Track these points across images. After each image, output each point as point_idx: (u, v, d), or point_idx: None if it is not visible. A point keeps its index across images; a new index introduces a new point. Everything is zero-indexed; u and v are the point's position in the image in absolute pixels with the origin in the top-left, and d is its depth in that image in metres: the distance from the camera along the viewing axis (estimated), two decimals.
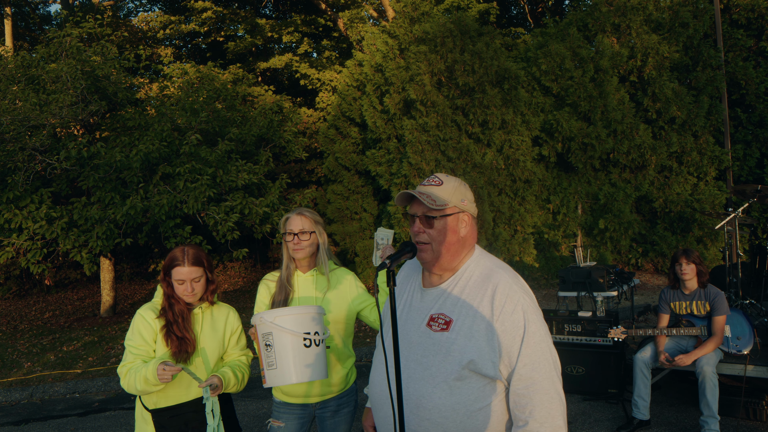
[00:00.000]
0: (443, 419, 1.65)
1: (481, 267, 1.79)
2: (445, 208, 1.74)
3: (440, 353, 1.69)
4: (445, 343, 1.69)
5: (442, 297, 1.77)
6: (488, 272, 1.76)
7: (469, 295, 1.73)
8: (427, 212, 1.75)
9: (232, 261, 14.49)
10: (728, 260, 6.10)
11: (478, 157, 9.02)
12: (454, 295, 1.75)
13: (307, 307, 2.29)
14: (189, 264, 2.40)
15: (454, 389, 1.65)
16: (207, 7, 15.00)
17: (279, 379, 2.20)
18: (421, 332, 1.75)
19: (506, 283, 1.70)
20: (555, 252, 9.78)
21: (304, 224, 2.53)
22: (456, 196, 1.77)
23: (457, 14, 9.74)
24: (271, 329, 2.20)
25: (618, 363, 4.85)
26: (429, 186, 1.78)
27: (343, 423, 2.60)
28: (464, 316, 1.70)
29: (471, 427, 1.65)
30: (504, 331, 1.64)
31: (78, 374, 6.82)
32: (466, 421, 1.65)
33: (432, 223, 1.75)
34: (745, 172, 10.54)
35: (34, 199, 7.60)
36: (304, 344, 2.19)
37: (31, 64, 8.71)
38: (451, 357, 1.67)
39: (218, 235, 7.92)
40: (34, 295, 13.55)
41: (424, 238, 1.76)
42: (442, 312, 1.74)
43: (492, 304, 1.67)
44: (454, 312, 1.72)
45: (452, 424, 1.65)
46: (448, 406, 1.65)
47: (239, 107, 10.73)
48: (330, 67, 15.38)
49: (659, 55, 9.63)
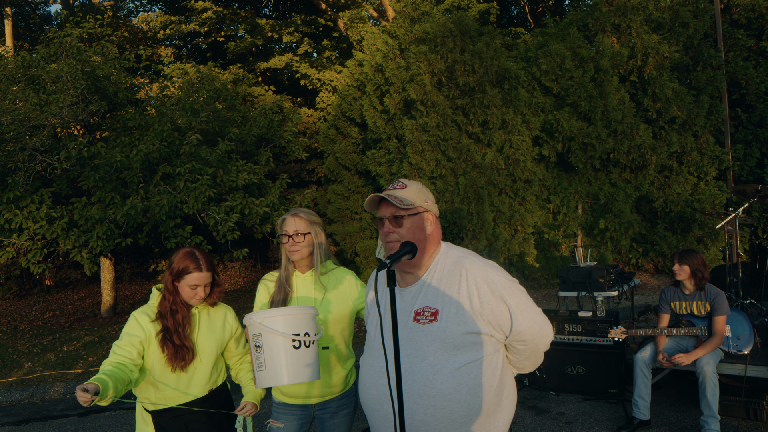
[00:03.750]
0: (449, 402, 1.76)
1: (450, 257, 1.93)
2: (411, 208, 1.89)
3: (435, 342, 1.80)
4: (438, 332, 1.81)
5: (421, 292, 1.89)
6: (456, 260, 1.91)
7: (447, 284, 1.87)
8: (395, 213, 1.89)
9: (232, 261, 14.49)
10: (728, 260, 6.11)
11: (479, 157, 9.03)
12: (432, 287, 1.88)
13: (297, 308, 2.26)
14: (206, 270, 2.39)
15: (453, 372, 1.77)
16: (207, 7, 15.01)
17: (268, 381, 2.19)
18: (410, 328, 1.86)
19: (475, 265, 1.87)
20: (555, 252, 9.78)
21: (298, 225, 2.51)
22: (420, 197, 1.92)
23: (457, 14, 9.74)
24: (260, 330, 2.18)
25: (618, 363, 4.84)
26: (394, 190, 1.92)
27: (342, 424, 2.58)
28: (448, 303, 1.83)
29: (474, 404, 1.79)
30: (491, 311, 1.82)
31: (78, 374, 6.82)
32: (470, 400, 1.78)
33: (401, 222, 1.88)
34: (745, 172, 10.54)
35: (35, 199, 7.61)
36: (293, 345, 2.17)
37: (32, 64, 8.71)
38: (447, 343, 1.79)
39: (218, 235, 7.92)
40: (34, 295, 13.55)
41: (394, 238, 1.88)
42: (426, 305, 1.86)
43: (468, 287, 1.83)
44: (437, 303, 1.85)
45: (458, 405, 1.76)
46: (451, 389, 1.76)
47: (239, 107, 10.72)
48: (330, 67, 15.38)
49: (659, 55, 9.63)
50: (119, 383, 2.15)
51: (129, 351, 2.29)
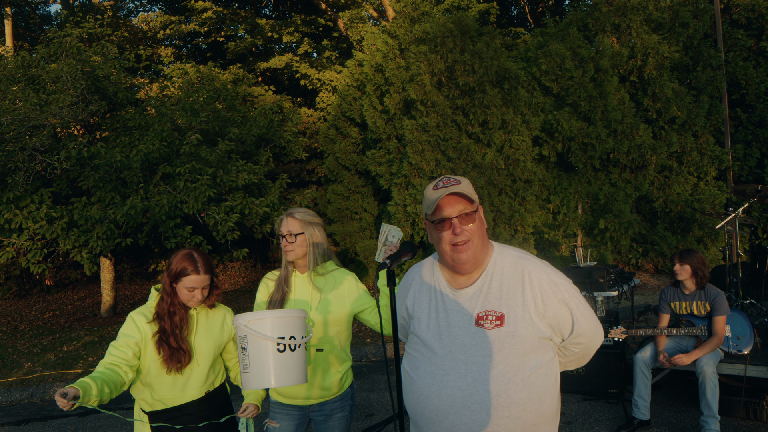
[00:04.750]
0: (522, 412, 1.70)
1: (508, 257, 1.84)
2: (476, 203, 1.80)
3: (504, 348, 1.72)
4: (506, 337, 1.72)
5: (482, 294, 1.79)
6: (516, 260, 1.83)
7: (509, 286, 1.78)
8: (464, 210, 1.77)
9: (232, 261, 14.49)
10: (728, 260, 6.11)
11: (478, 157, 9.02)
12: (494, 289, 1.78)
13: (285, 311, 2.23)
14: (204, 272, 2.37)
15: (525, 380, 1.71)
16: (207, 7, 15.00)
17: (253, 383, 2.17)
18: (473, 333, 1.75)
19: (538, 267, 1.81)
20: (555, 252, 9.78)
21: (292, 226, 2.49)
22: (474, 192, 1.82)
23: (457, 14, 9.74)
24: (246, 333, 2.16)
25: (618, 363, 4.85)
26: (454, 185, 1.78)
27: (337, 427, 2.55)
28: (513, 307, 1.75)
29: (542, 411, 1.74)
30: (554, 314, 1.76)
31: (78, 374, 6.82)
32: (539, 407, 1.73)
33: (473, 217, 1.78)
34: (745, 172, 10.54)
35: (35, 199, 7.60)
36: (277, 349, 2.14)
37: (32, 64, 8.70)
38: (516, 349, 1.71)
39: (218, 235, 7.92)
40: (34, 295, 13.54)
41: (466, 236, 1.76)
42: (489, 309, 1.76)
43: (533, 289, 1.76)
44: (501, 306, 1.76)
45: (530, 415, 1.71)
46: (524, 398, 1.70)
47: (239, 107, 10.73)
48: (330, 67, 15.38)
49: (659, 55, 9.63)
50: (107, 385, 2.13)
51: (124, 352, 2.29)
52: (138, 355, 2.33)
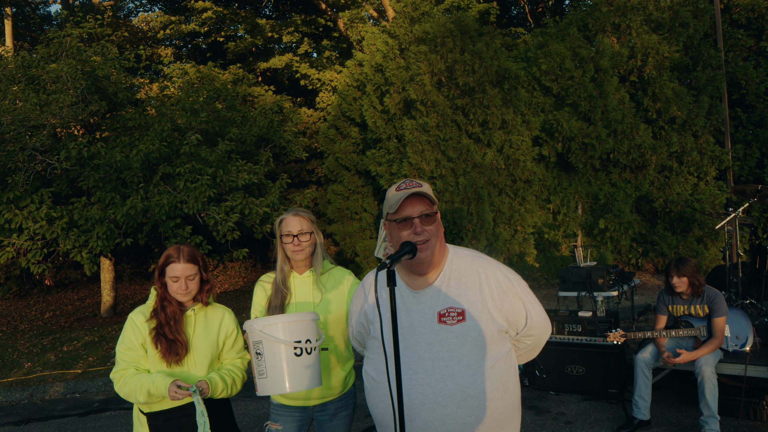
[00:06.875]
0: (490, 401, 1.77)
1: (462, 257, 1.93)
2: (436, 205, 1.88)
3: (468, 342, 1.78)
4: (469, 331, 1.79)
5: (441, 293, 1.85)
6: (470, 259, 1.92)
7: (466, 283, 1.86)
8: (425, 211, 1.83)
9: (232, 261, 14.48)
10: (728, 260, 6.11)
11: (478, 157, 9.02)
12: (452, 287, 1.86)
13: (299, 315, 2.23)
14: (184, 261, 2.39)
15: (489, 371, 1.78)
16: (207, 7, 15.00)
17: (270, 389, 2.17)
18: (437, 330, 1.81)
19: (491, 264, 1.92)
20: (555, 252, 9.78)
21: (303, 225, 2.51)
22: (434, 196, 1.90)
23: (457, 14, 9.74)
24: (261, 338, 2.15)
25: (618, 363, 4.85)
26: (416, 187, 1.84)
27: (341, 426, 2.56)
28: (473, 303, 1.82)
29: (508, 399, 1.82)
30: (510, 308, 1.85)
31: (78, 374, 6.82)
32: (505, 395, 1.80)
33: (433, 219, 1.84)
34: (745, 172, 10.53)
35: (35, 199, 7.60)
36: (294, 353, 2.14)
37: (32, 64, 8.70)
38: (479, 342, 1.78)
39: (218, 236, 7.92)
40: (34, 295, 13.55)
41: (426, 236, 1.82)
42: (450, 306, 1.82)
43: (489, 285, 1.85)
44: (461, 302, 1.83)
45: (497, 403, 1.78)
46: (490, 388, 1.77)
47: (239, 107, 10.72)
48: (330, 67, 15.38)
49: (659, 55, 9.63)
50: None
51: (135, 356, 2.41)
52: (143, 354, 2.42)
